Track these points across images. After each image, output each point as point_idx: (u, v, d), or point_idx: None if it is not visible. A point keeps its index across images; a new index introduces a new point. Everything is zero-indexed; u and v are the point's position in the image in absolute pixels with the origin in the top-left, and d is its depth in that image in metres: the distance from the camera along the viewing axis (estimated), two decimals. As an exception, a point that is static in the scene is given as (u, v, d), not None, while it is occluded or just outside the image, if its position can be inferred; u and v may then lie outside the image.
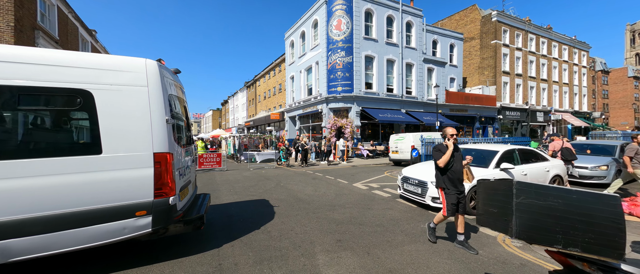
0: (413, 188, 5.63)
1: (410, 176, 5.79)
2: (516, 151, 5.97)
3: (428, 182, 5.21)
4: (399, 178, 6.24)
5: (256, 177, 9.63)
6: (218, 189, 7.44)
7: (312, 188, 7.41)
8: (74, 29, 15.13)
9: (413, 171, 5.97)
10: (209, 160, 11.30)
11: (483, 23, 27.48)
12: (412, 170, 6.16)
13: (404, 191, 5.96)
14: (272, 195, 6.58)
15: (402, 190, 6.06)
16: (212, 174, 10.46)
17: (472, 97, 23.98)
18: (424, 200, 5.29)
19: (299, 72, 22.65)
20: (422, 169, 5.96)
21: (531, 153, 6.22)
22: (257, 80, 40.20)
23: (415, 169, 6.12)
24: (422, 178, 5.46)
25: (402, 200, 6.10)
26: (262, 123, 33.57)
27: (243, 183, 8.31)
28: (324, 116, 18.53)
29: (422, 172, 5.71)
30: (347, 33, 17.96)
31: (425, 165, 6.47)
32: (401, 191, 6.10)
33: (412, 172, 5.94)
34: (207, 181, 8.92)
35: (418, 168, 6.13)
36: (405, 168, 6.44)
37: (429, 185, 5.18)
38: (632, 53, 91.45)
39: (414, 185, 5.60)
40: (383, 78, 19.20)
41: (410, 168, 6.31)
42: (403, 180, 5.99)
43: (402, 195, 6.15)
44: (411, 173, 5.93)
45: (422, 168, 6.11)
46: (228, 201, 6.07)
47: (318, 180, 8.96)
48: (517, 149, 6.03)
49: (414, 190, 5.60)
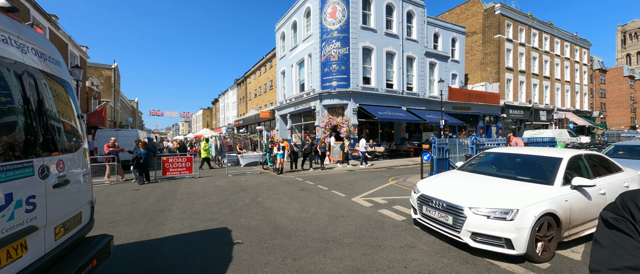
0: (438, 215, 3.67)
1: (434, 195, 3.82)
2: (584, 158, 4.23)
3: (465, 208, 3.37)
4: (414, 196, 4.22)
5: (230, 188, 7.72)
6: (169, 208, 5.52)
7: (298, 206, 5.56)
8: (24, 12, 12.93)
9: (436, 188, 4.00)
10: (176, 166, 9.32)
11: (485, 16, 26.05)
12: (433, 185, 4.16)
13: (422, 216, 3.98)
14: (239, 220, 4.70)
15: (418, 214, 4.08)
16: (176, 184, 8.50)
17: (475, 95, 22.47)
18: (457, 235, 3.42)
19: (290, 66, 20.75)
20: (450, 184, 4.12)
21: (599, 159, 4.50)
22: (248, 77, 38.13)
23: (439, 184, 4.16)
24: (454, 201, 3.54)
25: (421, 227, 4.26)
26: (252, 123, 31.55)
27: (209, 198, 6.40)
28: (317, 114, 16.69)
29: (452, 190, 3.86)
30: (342, 21, 16.16)
31: (450, 176, 4.58)
32: (417, 215, 4.11)
33: (434, 189, 3.99)
34: (163, 194, 6.97)
35: (443, 183, 4.19)
36: (422, 182, 4.41)
37: (466, 212, 3.34)
38: (623, 54, 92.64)
39: (440, 210, 3.65)
40: (382, 72, 17.46)
41: (431, 182, 4.28)
42: (421, 201, 4.01)
43: (419, 222, 4.15)
44: (434, 190, 3.96)
45: (448, 181, 4.24)
46: (169, 232, 4.15)
47: (308, 191, 7.12)
48: (583, 154, 4.30)
49: (439, 217, 3.65)
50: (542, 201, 3.28)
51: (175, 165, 9.29)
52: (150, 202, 6.05)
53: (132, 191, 7.33)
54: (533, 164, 4.33)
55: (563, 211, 3.38)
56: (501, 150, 5.14)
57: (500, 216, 3.16)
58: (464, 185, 3.99)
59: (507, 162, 4.73)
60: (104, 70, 31.56)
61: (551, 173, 3.86)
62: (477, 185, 3.89)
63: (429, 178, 4.64)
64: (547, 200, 3.31)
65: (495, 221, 3.17)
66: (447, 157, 8.96)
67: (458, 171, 4.86)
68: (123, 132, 13.87)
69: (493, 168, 4.68)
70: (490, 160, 4.94)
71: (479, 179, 4.17)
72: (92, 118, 22.29)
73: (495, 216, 3.18)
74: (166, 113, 43.92)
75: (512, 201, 3.25)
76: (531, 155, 4.48)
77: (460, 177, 4.41)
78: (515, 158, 4.69)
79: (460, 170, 4.87)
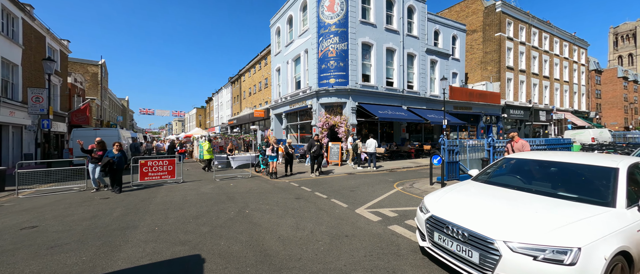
0: (457, 247, 2.65)
1: (450, 219, 2.81)
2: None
3: (497, 241, 2.38)
4: (421, 216, 3.19)
5: (215, 196, 6.76)
6: (135, 225, 4.54)
7: (293, 222, 4.64)
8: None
9: (451, 207, 3.01)
10: (156, 170, 8.30)
11: (486, 14, 25.47)
12: (447, 202, 3.14)
13: (434, 246, 2.94)
14: (218, 242, 3.77)
15: (427, 241, 3.04)
16: (154, 191, 7.49)
17: (476, 94, 21.82)
18: None
19: (285, 63, 19.78)
20: (469, 201, 3.12)
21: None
22: (242, 75, 37.02)
23: (454, 201, 3.15)
24: (480, 229, 2.53)
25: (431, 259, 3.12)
26: (246, 122, 30.48)
27: (187, 210, 5.44)
28: (314, 113, 15.78)
29: (473, 211, 2.86)
30: (341, 15, 15.27)
31: (467, 190, 3.49)
32: (426, 243, 3.07)
33: (449, 209, 2.98)
34: (134, 205, 5.98)
35: (459, 200, 3.17)
36: (431, 198, 3.33)
37: (500, 248, 2.35)
38: (615, 56, 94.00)
39: (460, 241, 2.64)
40: (382, 69, 16.63)
41: (443, 199, 3.23)
42: (432, 224, 2.97)
43: (428, 252, 3.15)
44: (448, 210, 2.95)
45: (466, 198, 3.22)
46: (122, 263, 3.17)
47: (304, 200, 6.20)
48: None
49: (459, 251, 2.63)
50: (610, 233, 2.31)
51: (154, 169, 8.26)
52: (115, 216, 5.07)
53: (100, 201, 6.32)
54: (577, 176, 3.39)
55: (636, 248, 2.45)
56: (526, 155, 4.19)
57: (554, 258, 2.18)
58: (488, 204, 2.98)
59: (537, 172, 3.80)
60: (90, 66, 30.11)
61: (607, 189, 2.95)
62: (507, 205, 2.90)
63: (439, 192, 3.55)
64: (616, 232, 2.34)
65: (546, 264, 2.17)
66: (457, 160, 8.15)
67: (474, 182, 3.87)
68: (103, 131, 12.75)
69: (518, 178, 3.75)
70: (514, 168, 4.04)
71: (505, 195, 3.19)
72: (75, 117, 21.01)
73: (546, 258, 2.20)
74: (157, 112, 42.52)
75: (568, 234, 2.29)
76: (572, 164, 3.53)
77: (479, 191, 3.44)
78: (548, 167, 3.75)
79: (477, 181, 3.89)
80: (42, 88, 13.23)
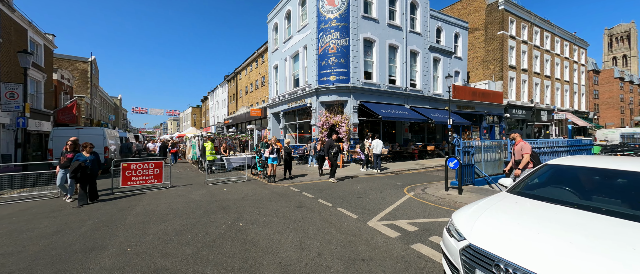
0: None
1: (502, 255, 1.98)
2: None
3: None
4: (452, 244, 2.41)
5: (206, 204, 5.96)
6: (103, 245, 3.73)
7: (296, 239, 3.89)
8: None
9: (498, 234, 2.23)
10: (141, 173, 7.46)
11: (488, 12, 24.95)
12: (488, 225, 2.36)
13: None
14: (203, 272, 2.99)
15: None
16: (136, 199, 6.66)
17: (480, 93, 21.26)
18: None
19: (283, 60, 18.98)
20: (521, 225, 2.29)
21: None
22: (238, 74, 36.10)
23: (499, 225, 2.36)
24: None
25: None
26: (242, 121, 29.61)
27: (170, 223, 4.64)
28: (314, 112, 15.02)
29: (533, 241, 2.05)
30: (342, 9, 14.53)
31: (511, 207, 2.70)
32: None
33: (495, 236, 2.20)
34: (109, 217, 5.16)
35: (505, 223, 2.36)
36: (463, 219, 2.56)
37: None
38: (609, 57, 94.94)
39: None
40: (384, 67, 15.94)
41: (484, 221, 2.42)
42: (471, 257, 2.17)
43: None
44: (496, 239, 2.16)
45: (514, 220, 2.39)
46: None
47: (307, 209, 5.45)
48: None
49: None
50: None
51: (139, 172, 7.43)
52: (83, 231, 4.25)
53: (72, 211, 5.49)
54: None
55: None
56: (575, 161, 3.37)
57: None
58: (552, 231, 2.13)
59: (596, 184, 3.00)
60: (79, 63, 28.93)
61: None
62: (581, 233, 2.10)
63: (470, 210, 2.73)
64: None
65: None
66: (472, 163, 7.46)
67: (513, 195, 3.05)
68: (87, 130, 11.83)
69: (570, 191, 2.96)
70: (561, 178, 3.24)
71: (569, 217, 2.37)
72: (62, 115, 19.93)
73: None
74: (151, 111, 41.26)
75: None
76: None
77: (528, 209, 2.64)
78: (613, 178, 2.93)
79: (515, 194, 3.09)
80: (18, 84, 12.25)
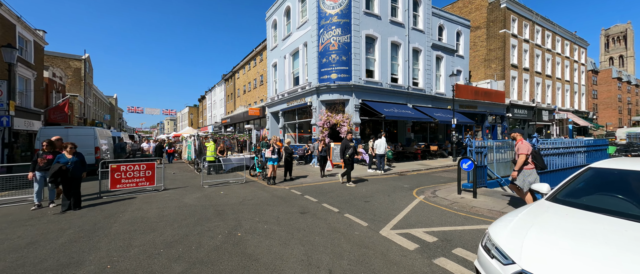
0: None
1: None
2: None
3: None
4: (495, 269, 2.01)
5: (200, 210, 5.49)
6: (80, 260, 3.25)
7: (301, 252, 3.43)
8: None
9: (565, 261, 1.78)
10: (131, 175, 6.96)
11: (490, 10, 24.64)
12: (549, 248, 1.94)
13: None
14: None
15: None
16: (125, 204, 6.17)
17: (482, 92, 20.93)
18: None
19: (282, 58, 18.50)
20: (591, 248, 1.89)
21: None
22: (236, 72, 35.54)
23: (562, 245, 1.94)
24: None
25: None
26: (240, 121, 29.08)
27: (160, 232, 4.16)
28: (314, 111, 14.56)
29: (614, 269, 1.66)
30: (343, 5, 14.09)
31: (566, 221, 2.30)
32: None
33: (562, 265, 1.76)
34: (92, 224, 4.67)
35: (568, 243, 1.95)
36: (507, 234, 2.21)
37: None
38: (606, 57, 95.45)
39: None
40: (387, 65, 15.52)
41: (535, 240, 2.05)
42: None
43: None
44: (561, 268, 1.74)
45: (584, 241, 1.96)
46: None
47: (311, 216, 4.99)
48: None
49: None
50: None
51: (129, 175, 6.92)
52: (60, 243, 3.77)
53: (52, 218, 4.99)
54: None
55: None
56: (624, 165, 2.98)
57: None
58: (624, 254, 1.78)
59: None
60: (72, 61, 28.22)
61: None
62: None
63: (512, 223, 2.37)
64: None
65: None
66: (485, 164, 7.05)
67: (558, 205, 2.66)
68: (76, 129, 11.27)
69: (622, 199, 2.59)
70: (607, 184, 2.89)
71: (637, 233, 2.01)
72: (53, 114, 19.29)
73: None
74: (147, 111, 40.59)
75: None
76: None
77: (584, 223, 2.23)
78: None
79: (560, 203, 2.70)
80: (2, 80, 11.67)
